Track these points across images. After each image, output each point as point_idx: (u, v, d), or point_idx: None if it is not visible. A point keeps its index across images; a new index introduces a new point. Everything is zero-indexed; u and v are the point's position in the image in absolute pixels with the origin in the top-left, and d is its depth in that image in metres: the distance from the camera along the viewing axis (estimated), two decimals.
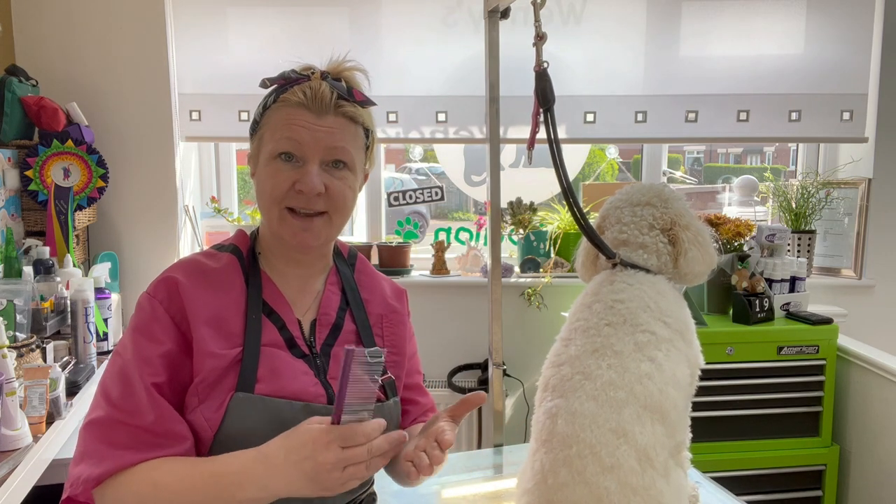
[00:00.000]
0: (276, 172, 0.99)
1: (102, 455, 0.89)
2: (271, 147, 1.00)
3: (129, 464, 0.89)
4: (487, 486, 1.51)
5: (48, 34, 2.49)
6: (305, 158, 0.99)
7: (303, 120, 0.99)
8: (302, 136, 0.98)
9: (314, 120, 0.99)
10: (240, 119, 2.64)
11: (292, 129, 0.99)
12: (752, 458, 2.27)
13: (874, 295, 2.80)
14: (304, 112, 0.99)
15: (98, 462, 0.89)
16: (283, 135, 0.99)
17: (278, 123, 1.00)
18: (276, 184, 0.99)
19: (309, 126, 0.99)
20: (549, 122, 1.26)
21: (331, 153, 1.00)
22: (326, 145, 0.99)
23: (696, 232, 1.22)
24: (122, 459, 0.89)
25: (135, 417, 0.91)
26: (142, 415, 0.91)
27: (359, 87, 1.05)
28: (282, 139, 0.99)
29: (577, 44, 2.68)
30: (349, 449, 0.83)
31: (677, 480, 1.05)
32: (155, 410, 0.91)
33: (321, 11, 2.61)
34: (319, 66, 1.04)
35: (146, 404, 0.91)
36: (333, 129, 1.00)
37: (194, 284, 0.99)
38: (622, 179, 3.19)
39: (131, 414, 0.91)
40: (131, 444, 0.90)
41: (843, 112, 2.76)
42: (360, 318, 1.11)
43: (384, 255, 2.76)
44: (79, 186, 2.32)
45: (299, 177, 0.99)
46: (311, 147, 0.99)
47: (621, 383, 1.04)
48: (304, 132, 0.98)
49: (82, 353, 1.84)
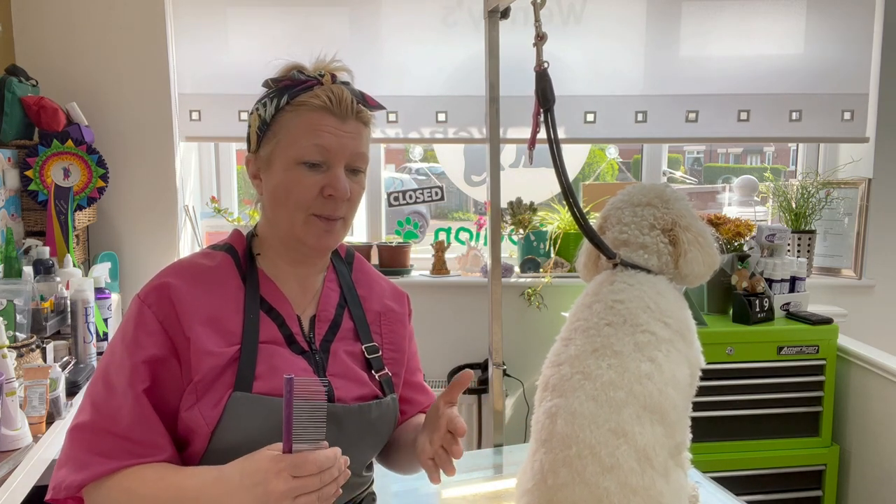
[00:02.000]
0: (301, 178, 0.99)
1: (83, 462, 0.92)
2: (294, 153, 0.99)
3: (107, 472, 0.91)
4: (487, 486, 1.51)
5: (48, 34, 2.49)
6: (331, 164, 1.00)
7: (328, 125, 0.99)
8: (329, 142, 0.99)
9: (339, 125, 0.99)
10: (240, 119, 2.64)
11: (320, 136, 0.98)
12: (752, 458, 2.27)
13: (874, 295, 2.80)
14: (329, 116, 0.99)
15: (79, 469, 0.91)
16: (311, 142, 0.98)
17: (301, 128, 0.99)
18: (302, 190, 0.99)
19: (334, 132, 0.99)
20: (548, 123, 1.26)
21: (354, 159, 1.02)
22: (351, 151, 1.01)
23: (698, 233, 1.22)
24: (101, 467, 0.91)
25: (116, 424, 0.92)
26: (122, 421, 0.92)
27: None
28: (309, 146, 0.98)
29: (577, 44, 2.68)
30: (299, 479, 0.82)
31: (677, 480, 1.05)
32: (135, 417, 0.92)
33: (321, 11, 2.61)
34: (308, 65, 1.04)
35: (127, 410, 0.92)
36: (355, 135, 1.01)
37: (189, 285, 0.99)
38: (622, 179, 3.19)
39: (114, 420, 0.92)
40: (112, 452, 0.92)
41: (843, 112, 2.76)
42: (357, 316, 1.11)
43: (384, 255, 2.76)
44: (79, 186, 2.32)
45: (327, 181, 0.99)
46: (338, 152, 0.99)
47: (621, 383, 1.04)
48: (331, 139, 0.99)
49: (82, 353, 1.84)
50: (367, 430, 1.04)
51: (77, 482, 0.90)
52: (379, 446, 1.11)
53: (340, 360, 1.06)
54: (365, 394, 1.05)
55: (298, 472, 0.83)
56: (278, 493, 0.82)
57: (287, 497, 0.82)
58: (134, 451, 0.92)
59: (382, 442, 1.11)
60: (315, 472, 0.83)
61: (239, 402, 0.94)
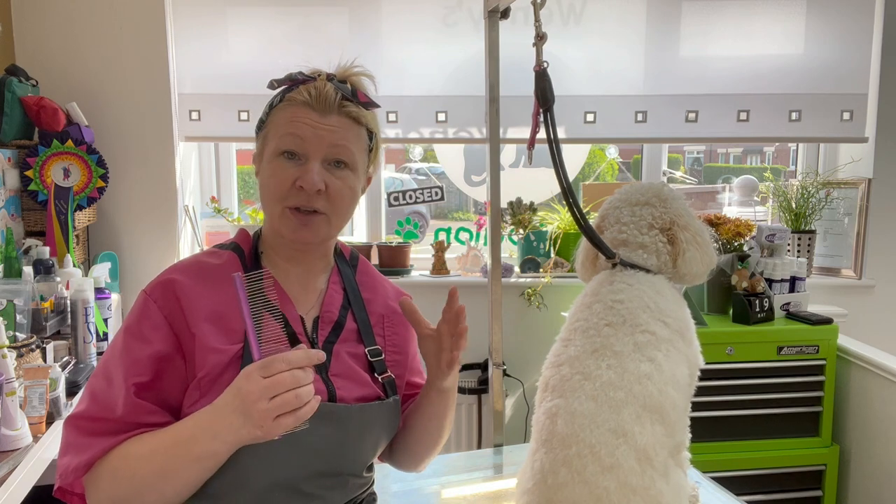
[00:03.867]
0: (278, 170, 1.01)
1: (84, 445, 0.92)
2: (274, 144, 1.01)
3: (110, 446, 0.92)
4: (487, 486, 1.51)
5: (48, 34, 2.49)
6: (308, 156, 1.00)
7: (306, 118, 1.00)
8: (305, 133, 1.00)
9: (318, 119, 1.00)
10: (239, 119, 2.64)
11: (296, 126, 1.00)
12: (752, 458, 2.27)
13: (874, 295, 2.80)
14: (309, 111, 1.00)
15: (81, 451, 0.92)
16: (287, 131, 1.00)
17: (282, 122, 1.02)
18: (278, 181, 1.00)
19: (312, 124, 1.00)
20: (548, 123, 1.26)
21: (333, 151, 1.01)
22: (329, 143, 1.01)
23: (696, 232, 1.22)
24: (102, 444, 0.92)
25: (113, 412, 0.93)
26: (119, 410, 0.93)
27: (364, 91, 1.07)
28: (285, 136, 1.00)
29: (577, 44, 2.68)
30: (271, 377, 0.83)
31: (677, 480, 1.05)
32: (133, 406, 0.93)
33: (321, 11, 2.61)
34: (328, 69, 1.06)
35: (123, 401, 0.93)
36: (336, 129, 1.01)
37: (194, 282, 1.00)
38: (622, 179, 3.19)
39: (111, 409, 0.93)
40: (109, 431, 0.92)
41: (843, 112, 2.76)
42: (360, 318, 1.11)
43: (384, 255, 2.76)
44: (79, 186, 2.32)
45: (301, 174, 1.00)
46: (314, 144, 1.00)
47: (621, 384, 1.04)
48: (307, 129, 1.00)
49: (82, 353, 1.84)
50: (367, 431, 1.04)
51: (84, 462, 0.91)
52: (380, 447, 1.10)
53: (343, 360, 1.06)
54: (367, 394, 1.05)
55: (267, 371, 0.83)
56: (254, 395, 0.83)
57: (263, 397, 0.83)
58: (133, 428, 0.93)
59: (384, 443, 1.11)
60: (285, 369, 0.83)
61: None
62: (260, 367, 0.84)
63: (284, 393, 0.83)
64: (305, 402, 0.85)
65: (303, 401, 0.85)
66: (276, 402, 0.83)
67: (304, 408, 0.85)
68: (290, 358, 0.84)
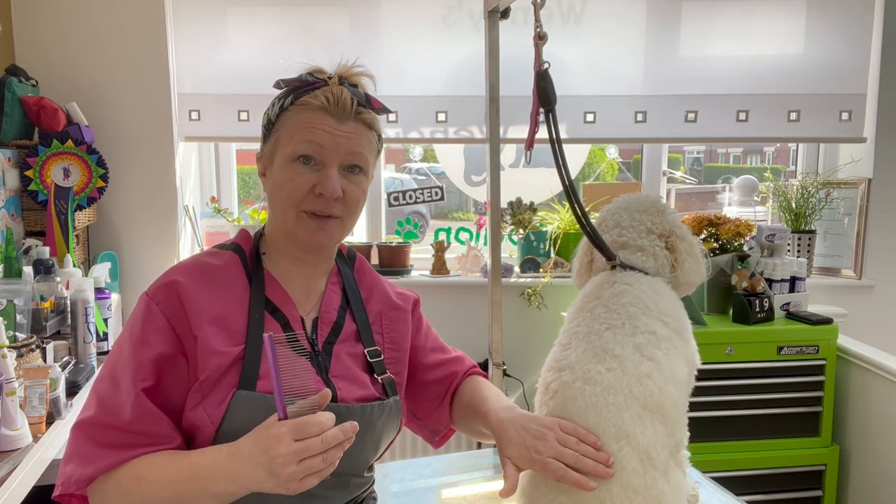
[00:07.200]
0: (294, 175, 1.00)
1: (90, 455, 0.92)
2: (290, 149, 1.01)
3: (116, 463, 0.91)
4: (487, 486, 1.51)
5: (48, 34, 2.49)
6: (325, 162, 1.01)
7: (324, 124, 1.00)
8: (323, 139, 1.00)
9: (335, 125, 1.01)
10: (239, 119, 2.64)
11: (314, 133, 1.00)
12: (752, 458, 2.27)
13: (874, 295, 2.80)
14: (326, 116, 1.00)
15: (86, 462, 0.91)
16: (304, 137, 1.00)
17: (298, 126, 1.01)
18: (294, 187, 1.00)
19: (330, 130, 1.00)
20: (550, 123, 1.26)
21: (349, 158, 1.02)
22: (346, 150, 1.01)
23: (691, 244, 1.24)
24: (109, 459, 0.91)
25: (119, 419, 0.92)
26: (126, 416, 0.92)
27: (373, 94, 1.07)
28: (302, 142, 1.00)
29: (577, 44, 2.68)
30: (302, 441, 0.83)
31: (676, 480, 1.05)
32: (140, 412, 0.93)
33: (321, 11, 2.61)
34: (328, 69, 1.06)
35: (131, 407, 0.92)
36: (353, 135, 1.02)
37: (196, 284, 1.00)
38: (622, 179, 3.19)
39: (118, 415, 0.93)
40: (119, 443, 0.92)
41: (842, 112, 2.76)
42: (360, 318, 1.12)
43: (384, 255, 2.76)
44: (79, 186, 2.32)
45: (319, 180, 1.00)
46: (332, 151, 1.00)
47: (620, 387, 1.04)
48: (325, 136, 1.00)
49: (82, 353, 1.84)
50: (368, 431, 1.04)
51: (86, 475, 0.91)
52: (380, 448, 1.11)
53: (342, 361, 1.06)
54: (367, 395, 1.06)
55: (300, 434, 0.83)
56: (282, 458, 0.82)
57: (292, 461, 0.83)
58: (141, 441, 0.92)
59: (384, 443, 1.11)
60: (317, 434, 0.84)
61: (242, 401, 0.94)
62: (293, 430, 0.83)
63: (314, 456, 0.84)
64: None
65: (329, 464, 0.85)
66: (305, 466, 0.83)
67: (329, 467, 0.86)
68: (322, 422, 0.84)
